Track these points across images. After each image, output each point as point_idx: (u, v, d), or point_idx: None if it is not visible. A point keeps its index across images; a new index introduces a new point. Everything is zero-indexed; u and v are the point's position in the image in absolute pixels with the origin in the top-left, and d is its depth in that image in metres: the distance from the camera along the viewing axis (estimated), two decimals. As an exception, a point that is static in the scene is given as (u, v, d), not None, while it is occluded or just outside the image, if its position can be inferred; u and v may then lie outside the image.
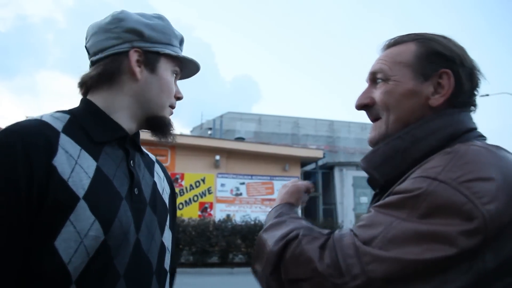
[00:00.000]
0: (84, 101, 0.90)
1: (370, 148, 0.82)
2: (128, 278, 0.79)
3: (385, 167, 0.75)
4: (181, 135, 14.86)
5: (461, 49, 0.79)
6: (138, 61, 0.89)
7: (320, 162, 15.65)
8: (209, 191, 12.78)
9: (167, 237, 0.96)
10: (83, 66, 0.95)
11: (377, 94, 0.81)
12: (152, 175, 0.98)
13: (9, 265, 0.70)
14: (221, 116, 23.27)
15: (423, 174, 0.63)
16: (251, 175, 13.20)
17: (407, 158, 0.72)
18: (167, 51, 0.92)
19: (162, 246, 0.92)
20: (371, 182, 0.83)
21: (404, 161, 0.72)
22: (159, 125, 0.94)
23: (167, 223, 0.97)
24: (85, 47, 0.94)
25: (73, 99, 0.93)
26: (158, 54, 0.91)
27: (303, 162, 14.88)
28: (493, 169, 0.61)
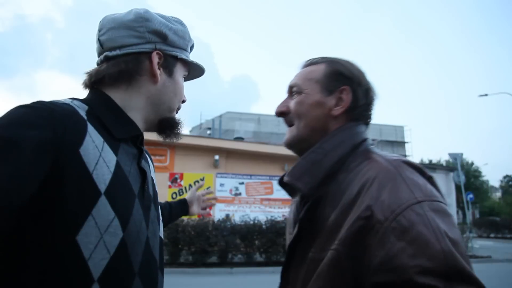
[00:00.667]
0: (100, 94, 0.87)
1: None
2: (141, 276, 0.80)
3: (306, 177, 0.87)
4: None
5: (360, 71, 0.97)
6: (158, 63, 0.90)
7: (319, 162, 15.65)
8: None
9: (162, 231, 0.97)
10: (81, 66, 0.93)
11: (292, 103, 0.97)
12: (150, 170, 0.98)
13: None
14: (220, 116, 23.27)
15: (407, 203, 0.71)
16: (250, 175, 13.19)
17: (322, 167, 0.87)
18: (183, 56, 0.95)
19: (161, 241, 0.94)
20: (289, 191, 0.99)
21: (320, 170, 0.87)
22: (170, 126, 0.96)
23: (161, 217, 0.99)
24: (98, 39, 0.90)
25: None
26: (176, 59, 0.94)
27: (302, 162, 14.86)
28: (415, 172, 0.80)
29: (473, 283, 0.66)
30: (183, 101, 1.00)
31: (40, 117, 0.69)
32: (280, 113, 0.99)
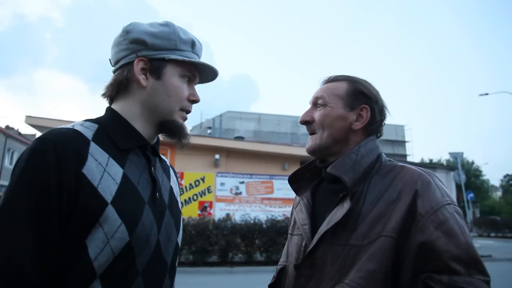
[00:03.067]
0: (109, 110, 0.97)
1: None
2: (145, 276, 0.86)
3: (350, 173, 1.02)
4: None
5: (377, 91, 1.12)
6: (144, 69, 0.95)
7: (319, 161, 15.66)
8: (208, 190, 12.77)
9: (180, 237, 1.04)
10: (81, 65, 0.97)
11: (317, 115, 1.10)
12: (169, 180, 1.06)
13: (43, 261, 0.77)
14: (221, 115, 23.27)
15: (442, 203, 0.92)
16: (251, 174, 13.19)
17: (360, 167, 1.04)
18: (173, 56, 0.95)
19: (177, 246, 1.00)
20: (296, 189, 1.19)
21: (359, 169, 1.03)
22: (170, 129, 0.98)
23: (181, 223, 1.05)
24: (109, 60, 1.01)
25: (71, 98, 0.96)
26: (164, 61, 0.95)
27: (303, 161, 14.86)
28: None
29: (485, 274, 0.87)
30: (194, 101, 1.01)
31: (44, 161, 0.79)
32: (304, 122, 1.13)
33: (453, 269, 0.85)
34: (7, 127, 29.04)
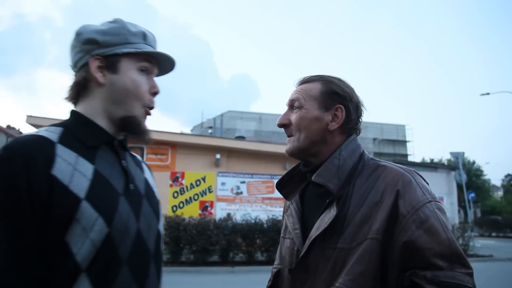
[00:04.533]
0: (72, 113, 1.00)
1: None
2: (130, 264, 0.89)
3: (334, 179, 1.04)
4: (181, 134, 14.85)
5: (351, 88, 1.13)
6: (100, 67, 0.97)
7: (320, 161, 15.63)
8: (209, 189, 12.77)
9: (162, 225, 1.07)
10: None
11: (293, 117, 1.12)
12: (143, 172, 1.09)
13: (24, 264, 0.79)
14: (222, 115, 23.28)
15: (423, 202, 0.95)
16: (252, 174, 13.19)
17: (344, 171, 1.05)
18: (125, 50, 0.98)
19: (159, 233, 1.03)
20: (286, 194, 1.22)
21: (343, 173, 1.05)
22: (130, 125, 1.00)
23: (160, 212, 1.08)
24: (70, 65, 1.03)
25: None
26: (118, 56, 0.98)
27: (304, 161, 14.83)
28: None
29: (467, 267, 0.91)
30: (155, 94, 1.03)
31: (12, 169, 0.81)
32: (281, 125, 1.15)
33: (436, 265, 0.88)
34: (8, 126, 29.13)
